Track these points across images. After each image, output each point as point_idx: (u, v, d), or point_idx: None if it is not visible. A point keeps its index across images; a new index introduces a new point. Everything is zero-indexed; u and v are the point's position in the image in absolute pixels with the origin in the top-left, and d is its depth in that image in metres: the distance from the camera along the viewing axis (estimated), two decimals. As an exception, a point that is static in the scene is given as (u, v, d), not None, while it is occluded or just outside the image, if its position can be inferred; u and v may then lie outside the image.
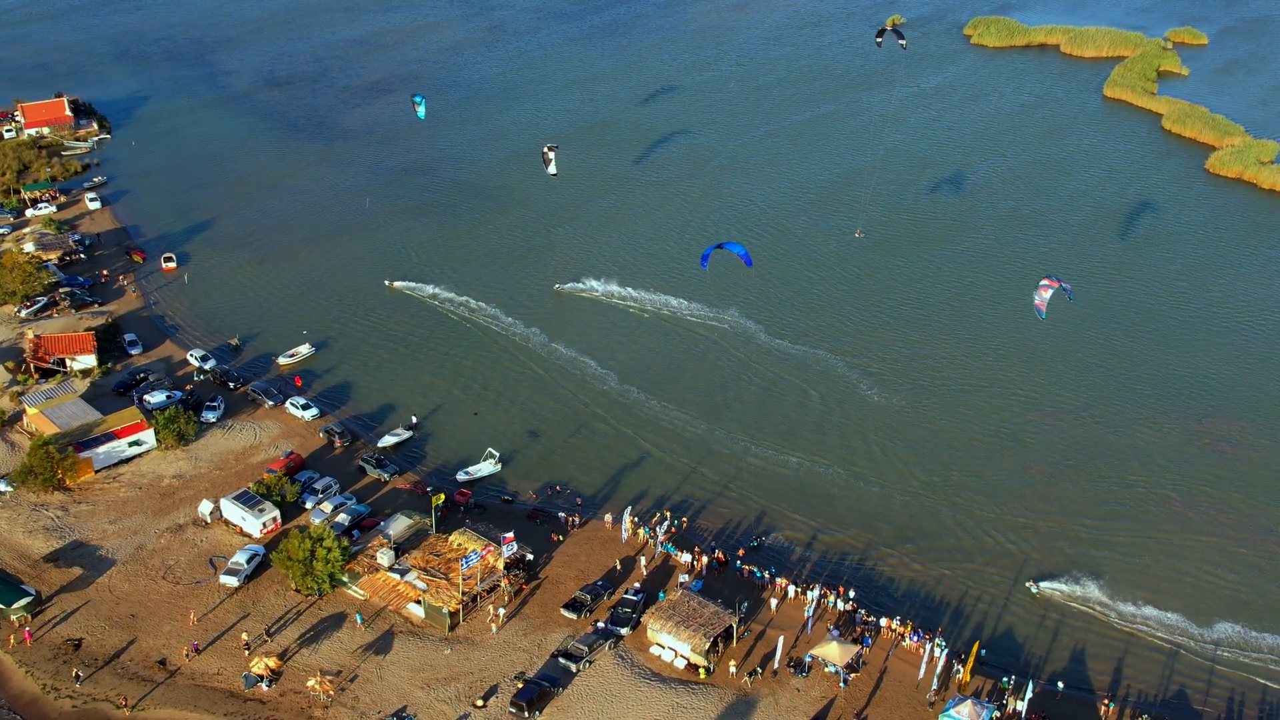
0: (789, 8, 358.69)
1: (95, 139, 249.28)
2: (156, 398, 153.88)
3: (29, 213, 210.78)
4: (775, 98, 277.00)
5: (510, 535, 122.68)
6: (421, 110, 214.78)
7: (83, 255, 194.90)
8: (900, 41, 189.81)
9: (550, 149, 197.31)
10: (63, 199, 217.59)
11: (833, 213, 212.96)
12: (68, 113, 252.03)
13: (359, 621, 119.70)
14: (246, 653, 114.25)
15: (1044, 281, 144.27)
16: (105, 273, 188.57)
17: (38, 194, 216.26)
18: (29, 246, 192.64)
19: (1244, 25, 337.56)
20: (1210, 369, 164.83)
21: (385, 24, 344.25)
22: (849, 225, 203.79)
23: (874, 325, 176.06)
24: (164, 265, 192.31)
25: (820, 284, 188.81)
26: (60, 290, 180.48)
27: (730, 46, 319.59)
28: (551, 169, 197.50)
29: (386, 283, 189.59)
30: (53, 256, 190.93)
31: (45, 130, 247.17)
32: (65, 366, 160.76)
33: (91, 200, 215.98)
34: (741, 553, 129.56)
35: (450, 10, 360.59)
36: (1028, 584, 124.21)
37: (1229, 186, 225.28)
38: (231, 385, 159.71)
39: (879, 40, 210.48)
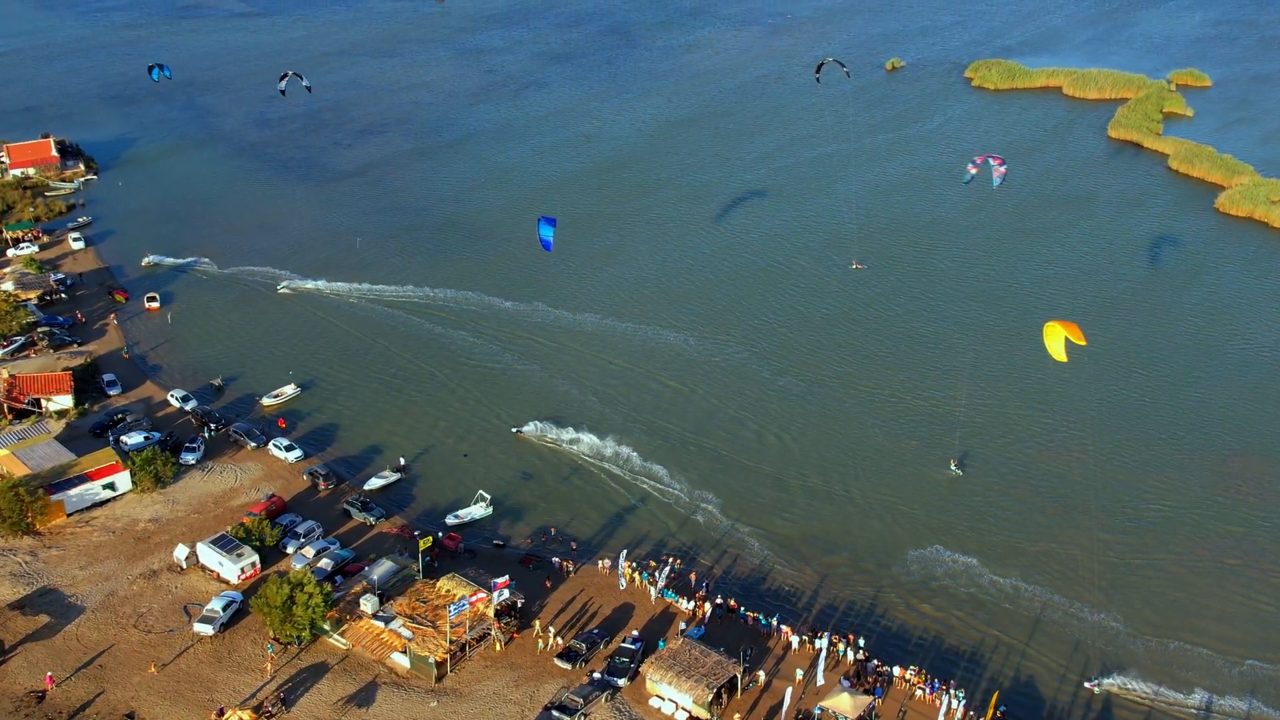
0: (790, 50, 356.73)
1: (81, 180, 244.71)
2: (134, 439, 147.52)
3: (10, 252, 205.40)
4: (777, 137, 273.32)
5: (504, 580, 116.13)
6: (155, 74, 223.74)
7: (64, 295, 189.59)
8: (843, 70, 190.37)
9: (294, 75, 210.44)
10: (46, 239, 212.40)
11: (833, 249, 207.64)
12: (54, 153, 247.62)
13: (269, 651, 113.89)
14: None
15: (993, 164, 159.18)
16: (81, 316, 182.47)
17: (20, 234, 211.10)
18: (8, 286, 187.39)
19: (1246, 67, 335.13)
20: (1230, 408, 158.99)
21: (378, 68, 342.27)
22: (850, 260, 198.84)
23: (881, 364, 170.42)
24: (147, 305, 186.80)
25: (822, 319, 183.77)
26: (39, 330, 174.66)
27: (731, 86, 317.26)
28: (281, 85, 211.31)
29: (145, 261, 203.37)
30: (32, 296, 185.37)
31: (30, 171, 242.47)
32: (40, 407, 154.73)
33: (75, 240, 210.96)
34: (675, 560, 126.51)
35: (444, 54, 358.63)
36: (1090, 685, 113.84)
37: (1240, 225, 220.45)
38: (212, 426, 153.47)
39: (818, 76, 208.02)
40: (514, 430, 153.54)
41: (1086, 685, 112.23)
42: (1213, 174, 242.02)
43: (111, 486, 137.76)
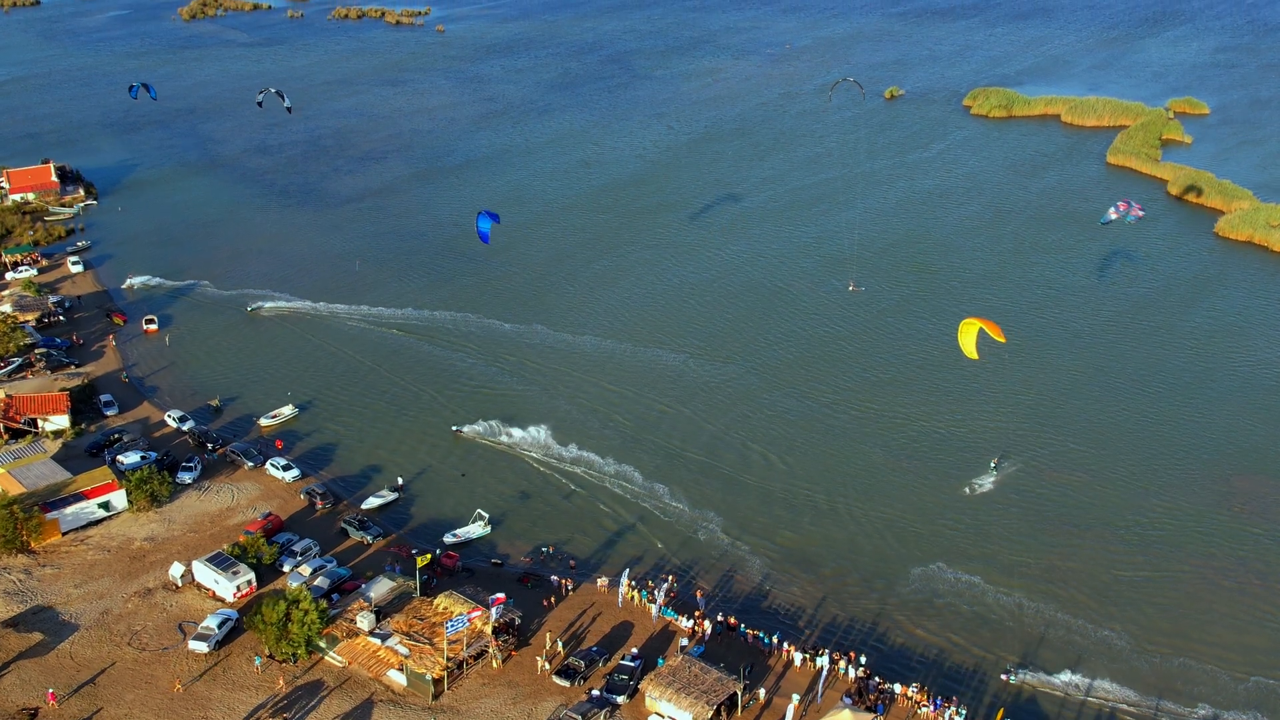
0: (789, 78, 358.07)
1: (81, 205, 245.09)
2: (130, 458, 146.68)
3: (9, 275, 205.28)
4: (777, 164, 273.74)
5: (500, 596, 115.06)
6: (134, 92, 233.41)
7: (61, 317, 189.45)
8: (860, 90, 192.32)
9: (276, 92, 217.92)
10: (44, 262, 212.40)
11: (832, 272, 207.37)
12: (54, 178, 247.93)
13: (256, 664, 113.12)
14: None
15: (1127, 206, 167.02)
16: (77, 339, 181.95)
17: (18, 257, 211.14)
18: (5, 308, 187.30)
19: (1244, 94, 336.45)
20: (1233, 428, 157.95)
21: (380, 96, 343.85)
22: (848, 282, 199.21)
23: (881, 384, 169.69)
24: (145, 327, 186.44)
25: (820, 340, 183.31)
26: (36, 351, 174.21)
27: (731, 114, 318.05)
28: (259, 98, 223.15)
29: (127, 283, 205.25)
30: (30, 318, 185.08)
31: (30, 196, 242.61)
32: (37, 427, 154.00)
33: (74, 264, 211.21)
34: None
35: (445, 82, 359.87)
36: (1005, 676, 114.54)
37: (1240, 249, 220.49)
38: (210, 447, 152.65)
39: (830, 94, 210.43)
40: (454, 429, 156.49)
41: (1002, 677, 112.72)
42: (1212, 199, 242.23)
43: (107, 505, 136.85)
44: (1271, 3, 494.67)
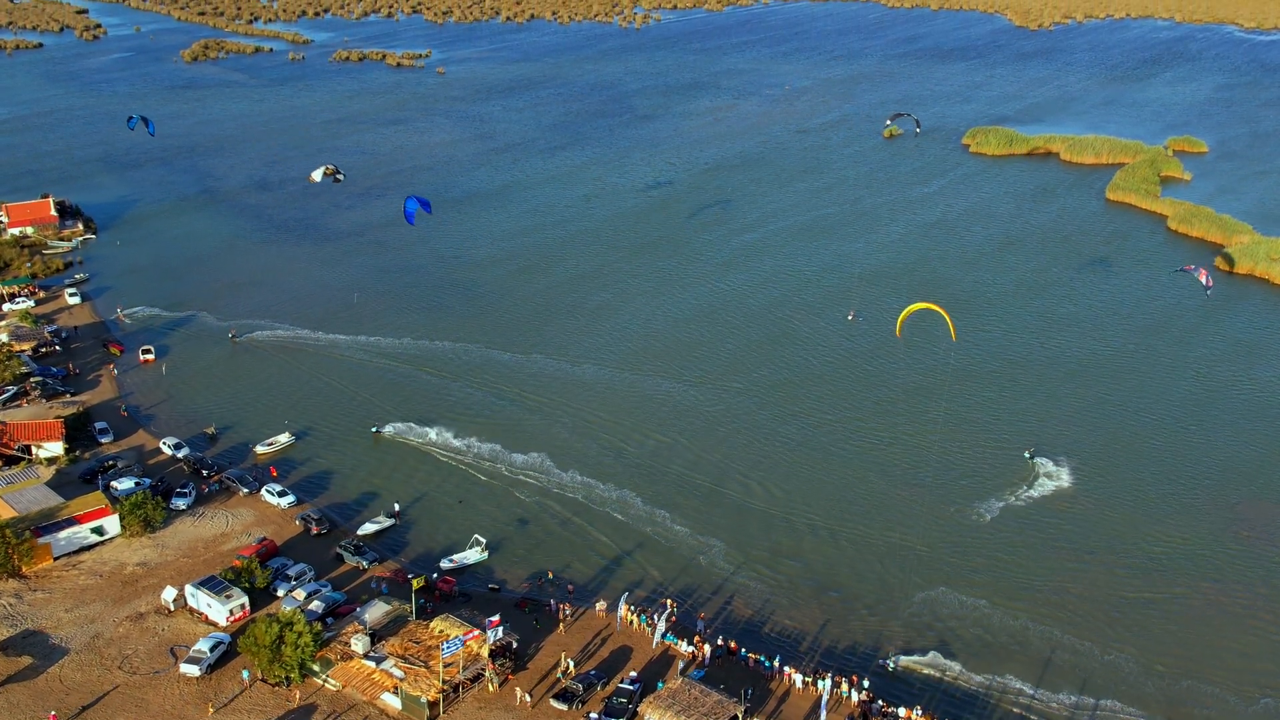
0: (787, 118, 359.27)
1: (80, 239, 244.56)
2: (124, 484, 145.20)
3: (5, 307, 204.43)
4: (776, 201, 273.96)
5: (496, 619, 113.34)
6: (132, 123, 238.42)
7: (58, 347, 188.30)
8: (917, 126, 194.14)
9: (331, 173, 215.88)
10: (42, 294, 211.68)
11: (833, 302, 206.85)
12: (53, 213, 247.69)
13: (244, 677, 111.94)
14: None
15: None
16: (73, 368, 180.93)
17: (15, 289, 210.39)
18: (2, 338, 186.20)
19: (1242, 131, 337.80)
20: (1237, 455, 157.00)
21: (381, 135, 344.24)
22: (847, 312, 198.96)
23: (880, 410, 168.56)
24: (142, 357, 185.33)
25: (821, 367, 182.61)
26: (31, 380, 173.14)
27: (731, 152, 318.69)
28: (316, 175, 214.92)
29: (117, 314, 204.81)
30: (26, 348, 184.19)
31: (29, 230, 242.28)
32: (30, 453, 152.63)
33: (71, 295, 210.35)
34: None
35: (446, 122, 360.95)
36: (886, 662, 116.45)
37: (1241, 282, 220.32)
38: (205, 474, 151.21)
39: (889, 122, 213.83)
40: (373, 430, 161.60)
41: (881, 662, 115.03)
42: (1212, 233, 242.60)
43: (100, 530, 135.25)
44: (1272, 43, 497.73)
